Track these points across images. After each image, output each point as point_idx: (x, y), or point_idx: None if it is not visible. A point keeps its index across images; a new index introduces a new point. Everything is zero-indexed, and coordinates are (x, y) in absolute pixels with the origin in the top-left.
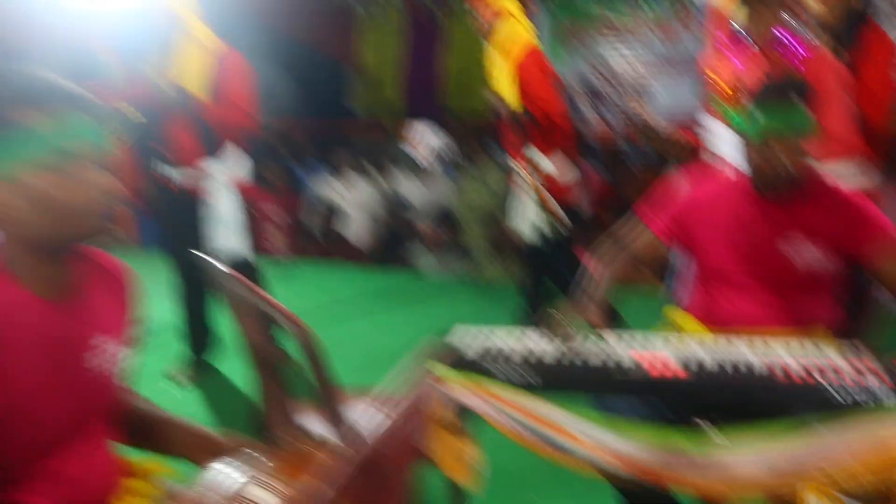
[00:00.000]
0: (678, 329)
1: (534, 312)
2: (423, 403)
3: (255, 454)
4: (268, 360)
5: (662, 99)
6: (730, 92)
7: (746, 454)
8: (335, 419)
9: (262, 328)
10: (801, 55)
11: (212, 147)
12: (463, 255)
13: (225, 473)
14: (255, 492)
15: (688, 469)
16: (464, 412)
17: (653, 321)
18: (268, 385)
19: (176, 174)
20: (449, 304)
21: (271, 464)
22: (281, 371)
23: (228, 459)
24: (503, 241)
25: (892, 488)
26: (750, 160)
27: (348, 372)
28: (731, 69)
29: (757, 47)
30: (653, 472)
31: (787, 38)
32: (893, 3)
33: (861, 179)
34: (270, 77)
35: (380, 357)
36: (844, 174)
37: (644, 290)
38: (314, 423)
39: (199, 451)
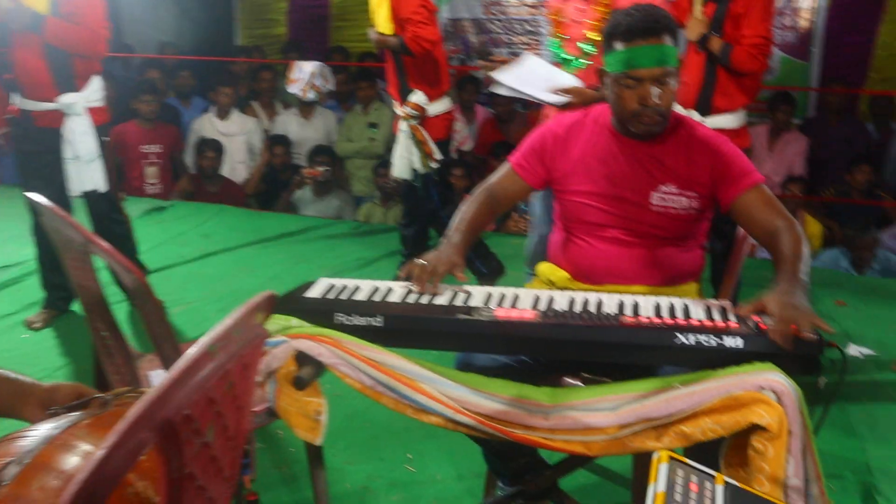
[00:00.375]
0: (548, 282)
1: (414, 257)
2: (254, 355)
3: (78, 411)
4: (101, 307)
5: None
6: (562, 28)
7: (600, 406)
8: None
9: (91, 271)
10: None
11: (66, 76)
12: (346, 196)
13: (32, 432)
14: (56, 454)
15: (540, 420)
16: (311, 365)
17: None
18: (100, 334)
19: (31, 106)
20: (328, 248)
21: (87, 421)
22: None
23: (50, 414)
24: (387, 182)
25: (743, 442)
26: (617, 96)
27: (215, 314)
28: (574, 8)
29: None
30: (506, 426)
31: None
32: None
33: (734, 123)
34: (153, 4)
35: (247, 300)
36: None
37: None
38: (158, 376)
39: (19, 404)
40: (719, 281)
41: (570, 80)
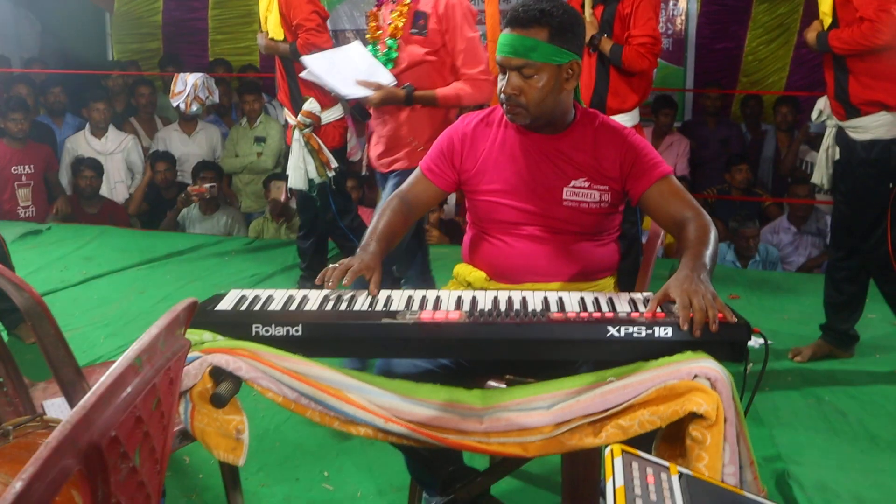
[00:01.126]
0: (465, 284)
1: (313, 270)
2: (179, 368)
3: None
4: None
5: None
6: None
7: (534, 405)
8: (73, 398)
9: None
10: None
11: None
12: (235, 212)
13: None
14: None
15: (474, 424)
16: (229, 380)
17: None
18: None
19: None
20: (220, 266)
21: None
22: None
23: None
24: (279, 196)
25: (676, 432)
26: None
27: (105, 339)
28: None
29: None
30: (440, 432)
31: None
32: None
33: (629, 122)
34: (15, 19)
35: (141, 323)
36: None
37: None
38: (56, 406)
39: None
40: (624, 278)
41: (387, 77)
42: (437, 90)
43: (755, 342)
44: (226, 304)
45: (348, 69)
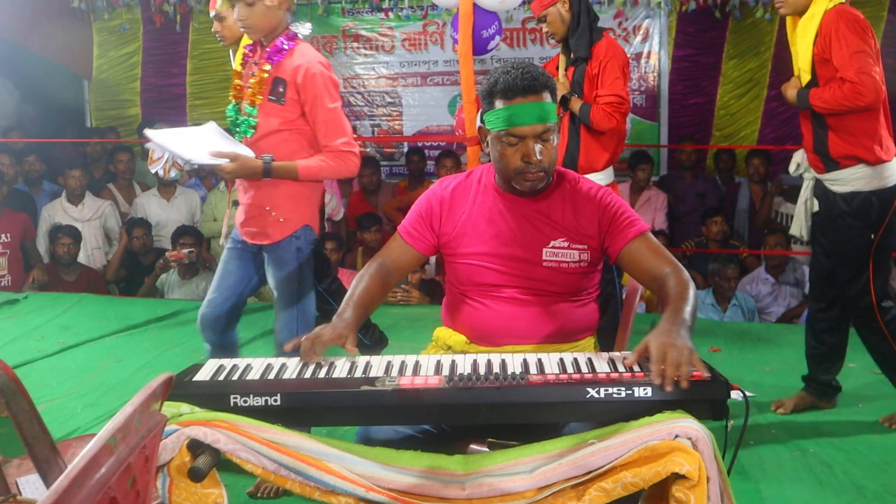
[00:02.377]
0: (445, 347)
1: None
2: (154, 445)
3: None
4: None
5: (412, 108)
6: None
7: (516, 469)
8: (47, 476)
9: None
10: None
11: None
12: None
13: None
14: None
15: (456, 490)
16: (208, 453)
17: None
18: None
19: None
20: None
21: None
22: None
23: None
24: None
25: (660, 493)
26: (500, 154)
27: (83, 410)
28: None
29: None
30: (422, 500)
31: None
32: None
33: (603, 181)
34: None
35: (119, 393)
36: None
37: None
38: (31, 483)
39: None
40: (603, 334)
41: (245, 150)
42: (298, 162)
43: (738, 396)
44: (203, 375)
45: (201, 141)
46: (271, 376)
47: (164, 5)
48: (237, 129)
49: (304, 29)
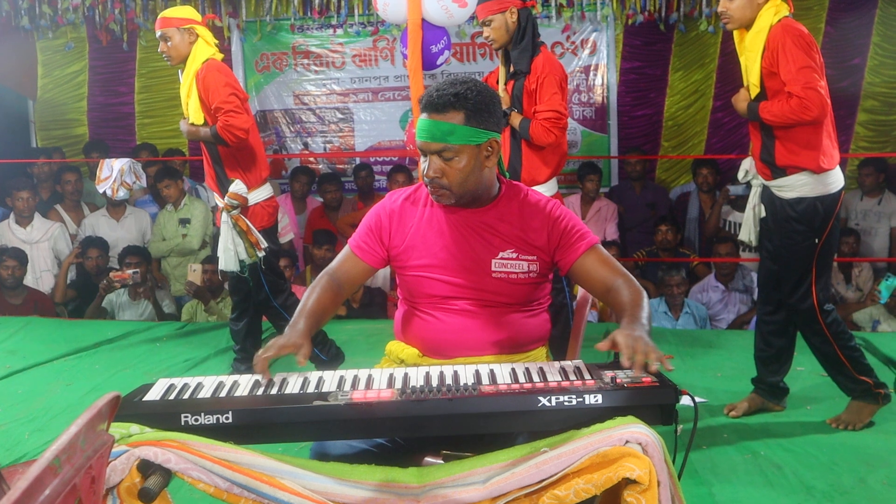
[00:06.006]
0: (398, 361)
1: (246, 352)
2: (101, 466)
3: None
4: None
5: (363, 124)
6: None
7: (469, 480)
8: None
9: None
10: None
11: None
12: (165, 296)
13: None
14: None
15: (411, 503)
16: (158, 473)
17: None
18: None
19: None
20: (151, 352)
21: None
22: None
23: None
24: (210, 279)
25: (612, 499)
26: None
27: (30, 435)
28: None
29: None
30: None
31: None
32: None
33: (547, 192)
34: None
35: (68, 417)
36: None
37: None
38: None
39: None
40: (555, 344)
41: None
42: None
43: (687, 400)
44: (154, 395)
45: None
46: (223, 394)
47: (111, 24)
48: None
49: None
